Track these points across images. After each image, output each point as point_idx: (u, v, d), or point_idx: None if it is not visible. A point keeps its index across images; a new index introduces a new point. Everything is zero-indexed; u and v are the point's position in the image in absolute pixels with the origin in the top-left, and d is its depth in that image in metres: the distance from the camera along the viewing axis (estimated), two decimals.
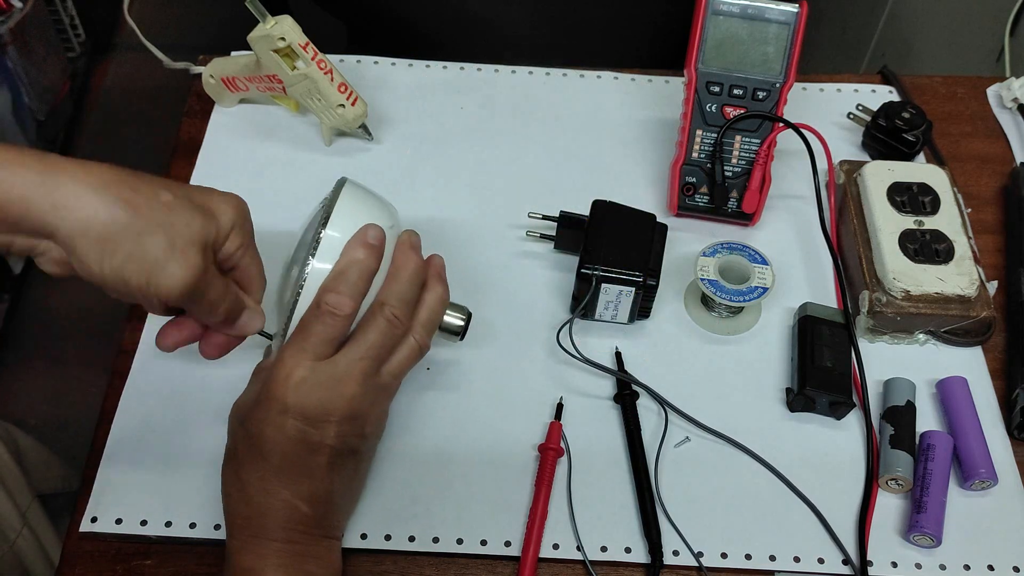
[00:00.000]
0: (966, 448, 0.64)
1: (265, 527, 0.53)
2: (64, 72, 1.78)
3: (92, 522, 0.60)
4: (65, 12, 1.79)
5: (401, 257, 0.57)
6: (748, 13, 0.71)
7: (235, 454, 0.55)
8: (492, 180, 0.79)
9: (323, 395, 0.53)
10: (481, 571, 0.60)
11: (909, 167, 0.74)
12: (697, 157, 0.74)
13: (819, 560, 0.61)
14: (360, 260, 0.55)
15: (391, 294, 0.56)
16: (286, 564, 0.53)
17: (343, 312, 0.54)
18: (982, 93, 0.88)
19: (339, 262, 0.55)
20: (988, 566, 0.61)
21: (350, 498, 0.59)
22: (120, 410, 0.65)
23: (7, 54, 1.55)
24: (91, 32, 1.88)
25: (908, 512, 0.62)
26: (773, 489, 0.64)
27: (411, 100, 0.84)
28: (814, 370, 0.66)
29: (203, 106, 0.83)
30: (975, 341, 0.70)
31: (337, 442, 0.54)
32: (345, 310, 0.54)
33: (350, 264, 0.55)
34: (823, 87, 0.87)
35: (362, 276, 0.55)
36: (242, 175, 0.78)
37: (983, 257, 0.74)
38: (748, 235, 0.76)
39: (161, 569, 0.60)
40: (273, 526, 0.53)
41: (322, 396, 0.53)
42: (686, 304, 0.72)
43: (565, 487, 0.63)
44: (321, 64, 0.74)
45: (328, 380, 0.53)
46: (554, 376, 0.68)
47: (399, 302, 0.56)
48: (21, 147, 0.49)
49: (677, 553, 0.61)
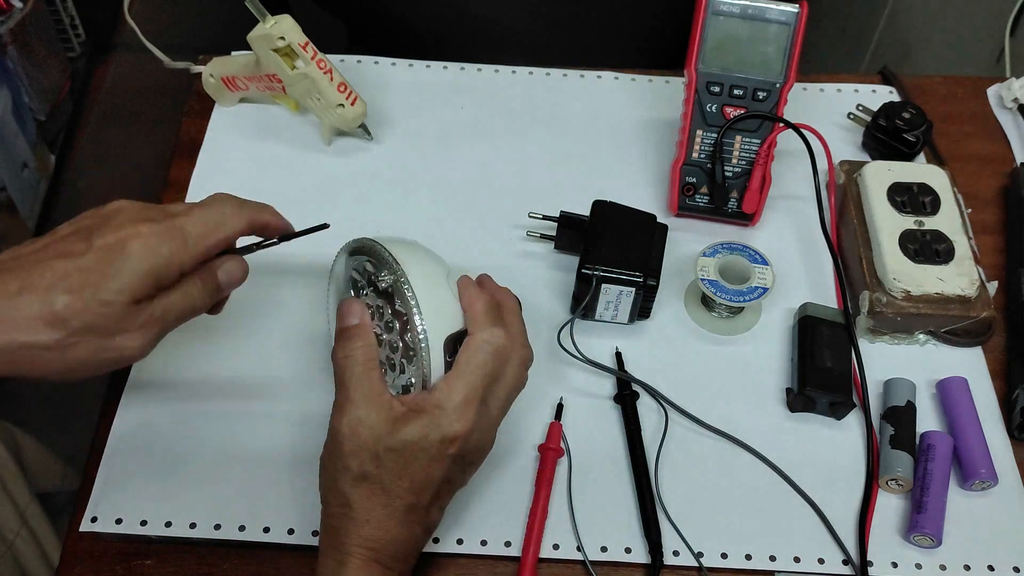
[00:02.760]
0: (966, 448, 0.64)
1: (388, 556, 0.52)
2: (64, 72, 1.77)
3: (92, 522, 0.60)
4: (65, 12, 1.79)
5: (501, 295, 0.58)
6: (748, 13, 0.71)
7: (378, 481, 0.52)
8: (492, 180, 0.79)
9: (486, 439, 0.55)
10: (481, 571, 0.60)
11: (909, 167, 0.74)
12: (697, 157, 0.74)
13: (819, 560, 0.61)
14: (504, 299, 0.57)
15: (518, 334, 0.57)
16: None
17: (508, 351, 0.55)
18: (982, 93, 0.88)
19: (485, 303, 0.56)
20: (988, 566, 0.61)
21: None
22: (120, 410, 0.65)
23: (7, 54, 1.55)
24: (91, 32, 1.88)
25: (908, 512, 0.62)
26: (773, 489, 0.64)
27: (411, 100, 0.84)
28: (814, 370, 0.66)
29: (203, 106, 0.83)
30: (975, 341, 0.70)
31: (466, 478, 0.56)
32: (511, 351, 0.55)
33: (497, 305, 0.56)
34: (823, 87, 0.87)
35: (513, 308, 0.58)
36: (242, 175, 0.78)
37: (983, 257, 0.74)
38: (748, 235, 0.76)
39: (161, 569, 0.60)
40: (395, 556, 0.53)
41: (485, 440, 0.54)
42: (686, 304, 0.72)
43: (565, 487, 0.63)
44: (321, 64, 0.74)
45: (489, 424, 0.55)
46: (554, 376, 0.68)
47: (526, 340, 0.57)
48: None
49: (677, 553, 0.61)
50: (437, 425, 0.52)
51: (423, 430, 0.52)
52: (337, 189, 0.78)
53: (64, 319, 0.48)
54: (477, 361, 0.53)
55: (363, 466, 0.52)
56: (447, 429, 0.52)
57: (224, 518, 0.61)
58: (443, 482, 0.53)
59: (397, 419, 0.52)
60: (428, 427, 0.52)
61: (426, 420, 0.52)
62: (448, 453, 0.52)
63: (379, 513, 0.52)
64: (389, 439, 0.52)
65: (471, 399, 0.53)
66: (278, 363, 0.67)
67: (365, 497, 0.52)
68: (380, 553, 0.52)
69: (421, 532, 0.54)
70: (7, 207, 1.54)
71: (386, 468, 0.52)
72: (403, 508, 0.52)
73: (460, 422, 0.52)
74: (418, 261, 0.56)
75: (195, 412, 0.65)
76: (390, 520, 0.52)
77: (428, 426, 0.52)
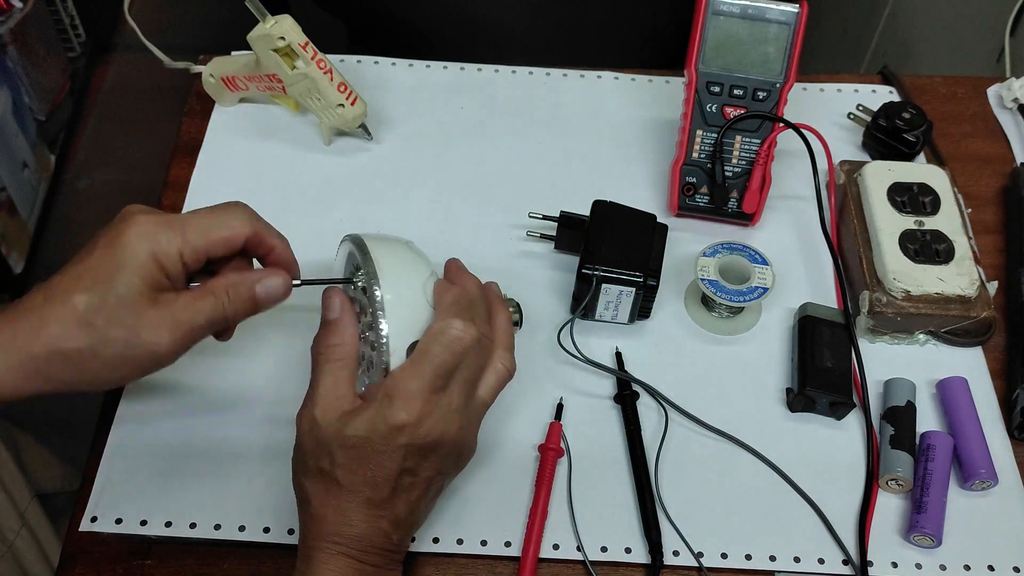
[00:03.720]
0: (966, 448, 0.64)
1: (356, 549, 0.52)
2: (64, 72, 1.77)
3: (92, 522, 0.60)
4: (65, 12, 1.79)
5: (463, 280, 0.58)
6: (748, 13, 0.71)
7: (332, 478, 0.52)
8: (492, 180, 0.79)
9: (440, 427, 0.53)
10: (481, 571, 0.60)
11: (909, 167, 0.74)
12: (697, 157, 0.74)
13: (819, 560, 0.61)
14: (470, 290, 0.56)
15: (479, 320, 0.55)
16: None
17: (468, 339, 0.53)
18: (982, 93, 0.88)
19: (450, 293, 0.55)
20: (988, 566, 0.61)
21: (424, 520, 0.59)
22: (120, 410, 0.65)
23: (7, 54, 1.55)
24: (91, 32, 1.88)
25: (908, 512, 0.62)
26: (773, 489, 0.64)
27: (411, 100, 0.84)
28: (814, 370, 0.66)
29: (203, 106, 0.83)
30: (975, 341, 0.70)
31: (435, 472, 0.54)
32: (469, 338, 0.53)
33: (461, 295, 0.55)
34: (823, 87, 0.87)
35: (476, 303, 0.56)
36: (242, 175, 0.78)
37: (983, 257, 0.74)
38: (748, 235, 0.76)
39: (161, 569, 0.60)
40: (364, 549, 0.53)
41: (440, 429, 0.53)
42: (686, 304, 0.72)
43: (565, 487, 0.63)
44: (321, 64, 0.74)
45: (445, 413, 0.53)
46: (554, 376, 0.68)
47: (483, 323, 0.56)
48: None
49: (677, 553, 0.61)
50: (384, 416, 0.52)
51: (371, 422, 0.52)
52: (337, 189, 0.78)
53: (89, 320, 0.49)
54: (428, 351, 0.53)
55: (319, 462, 0.53)
56: (393, 418, 0.51)
57: (224, 518, 0.61)
58: (401, 474, 0.52)
59: (349, 413, 0.53)
60: (375, 419, 0.52)
61: (373, 411, 0.52)
62: (399, 443, 0.52)
63: (336, 508, 0.52)
64: (341, 434, 0.52)
65: (420, 388, 0.52)
66: (279, 363, 0.67)
67: (322, 493, 0.53)
68: (347, 547, 0.52)
69: (388, 526, 0.53)
70: (7, 207, 1.54)
71: (339, 463, 0.52)
72: (361, 502, 0.52)
73: (406, 410, 0.51)
74: (396, 263, 0.56)
75: (195, 412, 0.65)
76: (350, 515, 0.52)
77: (375, 418, 0.52)
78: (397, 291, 0.55)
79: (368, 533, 0.52)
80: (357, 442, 0.52)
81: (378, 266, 0.55)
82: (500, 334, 0.57)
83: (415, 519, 0.55)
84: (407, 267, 0.56)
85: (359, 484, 0.52)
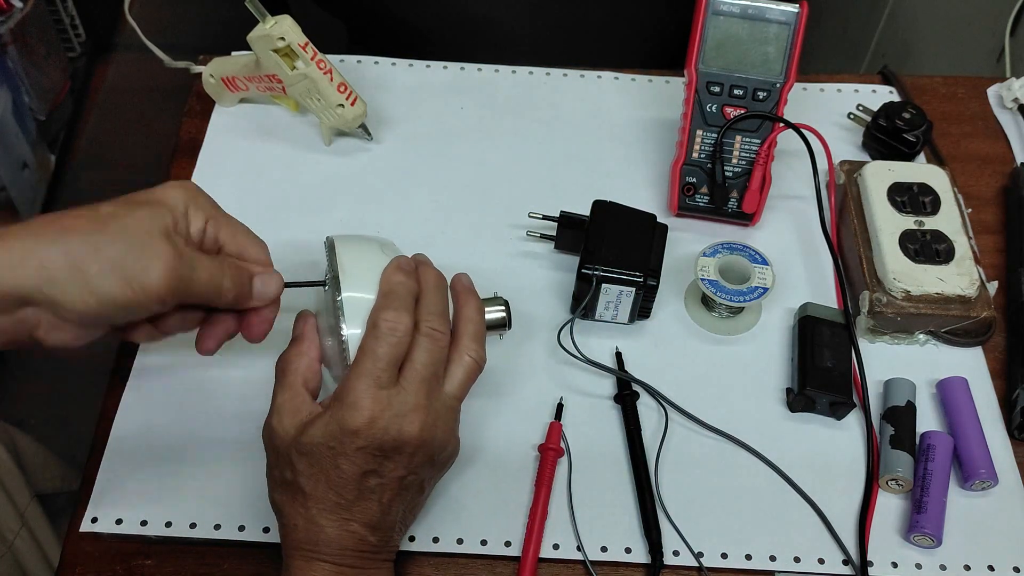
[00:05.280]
0: (966, 448, 0.64)
1: (332, 553, 0.52)
2: (64, 72, 1.78)
3: (92, 522, 0.60)
4: (65, 12, 1.79)
5: (421, 273, 0.57)
6: (748, 13, 0.71)
7: (297, 486, 0.52)
8: (492, 180, 0.79)
9: (397, 426, 0.52)
10: (481, 571, 0.60)
11: (909, 167, 0.74)
12: (697, 157, 0.74)
13: (819, 560, 0.61)
14: (402, 281, 0.55)
15: (422, 309, 0.55)
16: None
17: (402, 328, 0.53)
18: (982, 93, 0.88)
19: (381, 287, 0.55)
20: (988, 566, 0.61)
21: (412, 519, 0.58)
22: (120, 410, 0.65)
23: (7, 54, 1.55)
24: (91, 32, 1.88)
25: (908, 512, 0.62)
26: (773, 489, 0.64)
27: (411, 100, 0.84)
28: (814, 370, 0.66)
29: (203, 106, 0.83)
30: (975, 341, 0.70)
31: (406, 472, 0.54)
32: (403, 327, 0.53)
33: (394, 286, 0.55)
34: (823, 87, 0.87)
35: (410, 293, 0.55)
36: (242, 175, 0.78)
37: (983, 257, 0.74)
38: (748, 235, 0.76)
39: (161, 569, 0.60)
40: (340, 553, 0.53)
41: (397, 427, 0.52)
42: (686, 304, 0.72)
43: (565, 487, 0.63)
44: (320, 64, 0.74)
45: (399, 409, 0.52)
46: (554, 376, 0.68)
47: (432, 315, 0.55)
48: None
49: (677, 553, 0.61)
50: (337, 420, 0.52)
51: (326, 427, 0.52)
52: (337, 189, 0.78)
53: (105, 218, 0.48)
54: (365, 347, 0.53)
55: (283, 473, 0.53)
56: (345, 421, 0.51)
57: (224, 518, 0.61)
58: (363, 476, 0.52)
59: (305, 423, 0.53)
60: (329, 423, 0.52)
61: (328, 417, 0.52)
62: (356, 446, 0.51)
63: (305, 516, 0.52)
64: (298, 442, 0.52)
65: (365, 386, 0.52)
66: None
67: (289, 503, 0.53)
68: (320, 552, 0.52)
69: (361, 529, 0.53)
70: (7, 207, 1.54)
71: (300, 472, 0.52)
72: (327, 508, 0.52)
73: (356, 412, 0.51)
74: (362, 264, 0.56)
75: (195, 412, 0.65)
76: (320, 520, 0.52)
77: (329, 423, 0.52)
78: (358, 293, 0.55)
79: (339, 536, 0.52)
80: (314, 449, 0.52)
81: (342, 268, 0.55)
82: (466, 324, 0.56)
83: (392, 519, 0.55)
84: (373, 268, 0.56)
85: (322, 490, 0.52)
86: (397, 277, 0.55)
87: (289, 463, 0.53)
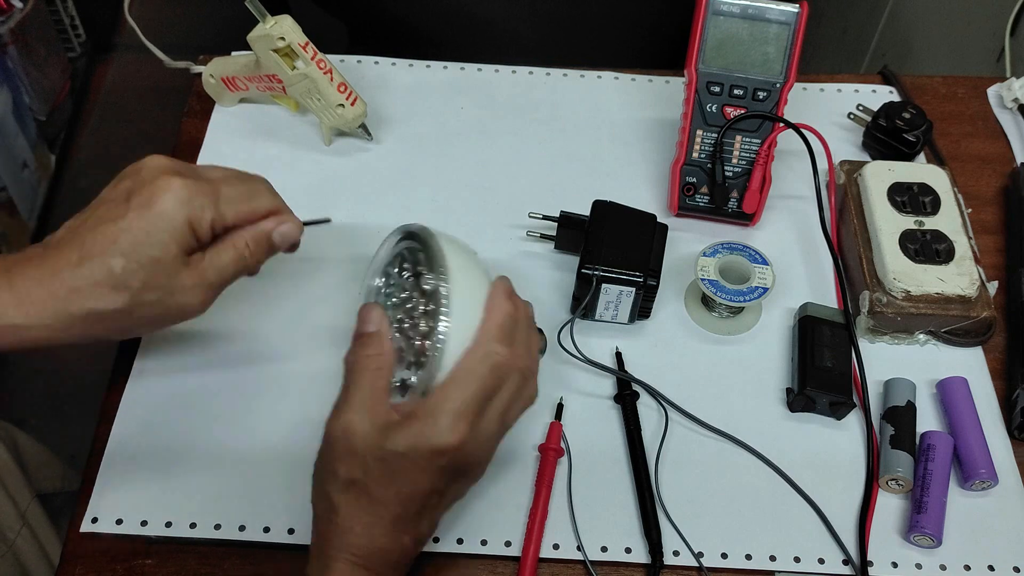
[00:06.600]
0: (966, 448, 0.64)
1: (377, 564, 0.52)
2: (64, 72, 1.78)
3: (92, 522, 0.60)
4: (65, 12, 1.79)
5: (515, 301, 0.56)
6: (748, 13, 0.71)
7: (365, 489, 0.51)
8: (492, 180, 0.79)
9: (477, 454, 0.52)
10: (481, 571, 0.60)
11: (909, 167, 0.74)
12: (697, 157, 0.74)
13: (819, 560, 0.61)
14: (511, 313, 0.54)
15: (519, 346, 0.54)
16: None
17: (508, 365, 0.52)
18: (982, 93, 0.88)
19: (493, 314, 0.53)
20: (988, 566, 0.61)
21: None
22: (120, 410, 0.65)
23: (7, 54, 1.55)
24: (91, 32, 1.88)
25: (908, 512, 0.62)
26: (773, 489, 0.64)
27: (411, 100, 0.84)
28: (814, 370, 0.66)
29: (203, 106, 0.83)
30: (975, 341, 0.70)
31: (459, 493, 0.54)
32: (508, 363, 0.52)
33: (506, 317, 0.53)
34: (823, 87, 0.87)
35: (516, 326, 0.54)
36: None
37: (983, 257, 0.74)
38: (748, 235, 0.76)
39: (161, 569, 0.60)
40: (383, 563, 0.52)
41: (476, 455, 0.52)
42: (686, 304, 0.72)
43: (565, 487, 0.63)
44: (321, 64, 0.74)
45: (481, 438, 0.52)
46: (554, 376, 0.68)
47: (526, 356, 0.54)
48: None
49: (677, 553, 0.61)
50: (428, 436, 0.50)
51: (413, 439, 0.50)
52: (337, 189, 0.78)
53: (125, 282, 0.52)
54: (475, 371, 0.52)
55: (351, 472, 0.51)
56: (438, 440, 0.50)
57: (224, 518, 0.61)
58: (431, 493, 0.52)
59: (389, 427, 0.51)
60: (418, 437, 0.50)
61: (416, 429, 0.51)
62: (438, 465, 0.51)
63: (364, 521, 0.51)
64: (379, 447, 0.51)
65: (465, 411, 0.51)
66: (278, 363, 0.67)
67: (351, 504, 0.51)
68: (366, 559, 0.51)
69: (409, 543, 0.53)
70: (7, 207, 1.54)
71: (373, 476, 0.51)
72: (389, 518, 0.51)
73: (453, 434, 0.50)
74: (467, 274, 0.54)
75: (195, 412, 0.65)
76: (375, 529, 0.51)
77: (419, 436, 0.50)
78: (465, 291, 0.53)
79: (389, 548, 0.52)
80: (395, 457, 0.51)
81: (452, 276, 0.53)
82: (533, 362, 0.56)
83: (431, 533, 0.55)
84: (475, 278, 0.55)
85: (390, 499, 0.51)
86: (508, 307, 0.54)
87: (363, 464, 0.51)
